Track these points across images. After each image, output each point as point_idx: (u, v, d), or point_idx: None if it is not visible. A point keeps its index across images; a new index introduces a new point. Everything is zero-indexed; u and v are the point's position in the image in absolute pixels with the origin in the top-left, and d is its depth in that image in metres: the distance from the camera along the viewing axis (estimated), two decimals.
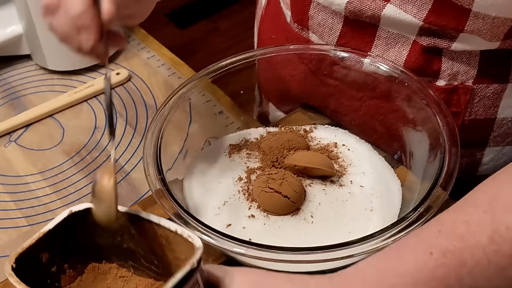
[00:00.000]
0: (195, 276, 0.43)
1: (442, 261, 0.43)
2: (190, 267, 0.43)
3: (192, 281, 0.43)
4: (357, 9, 0.68)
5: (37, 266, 0.48)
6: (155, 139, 0.64)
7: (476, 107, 0.71)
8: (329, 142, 0.71)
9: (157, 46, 0.98)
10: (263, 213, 0.61)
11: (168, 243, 0.48)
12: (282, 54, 0.75)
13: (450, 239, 0.44)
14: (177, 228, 0.47)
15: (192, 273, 0.43)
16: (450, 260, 0.43)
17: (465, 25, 0.63)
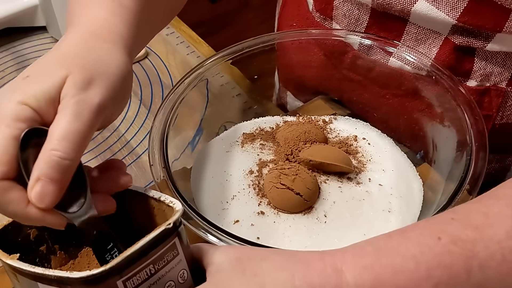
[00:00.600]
0: (172, 239, 0.41)
1: (451, 248, 0.38)
2: (164, 227, 0.40)
3: (169, 245, 0.40)
4: (386, 2, 0.63)
5: (25, 242, 0.47)
6: (164, 123, 0.61)
7: (508, 111, 0.67)
8: (348, 135, 0.67)
9: (176, 23, 0.94)
10: (274, 210, 0.58)
11: (156, 215, 0.46)
12: (302, 40, 0.71)
13: (464, 228, 0.39)
14: (161, 195, 0.45)
15: (168, 234, 0.40)
16: (460, 249, 0.38)
17: (503, 26, 0.59)
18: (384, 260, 0.39)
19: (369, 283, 0.38)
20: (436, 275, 0.38)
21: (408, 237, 0.40)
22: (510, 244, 0.38)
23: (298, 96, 0.81)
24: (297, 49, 0.73)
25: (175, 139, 0.64)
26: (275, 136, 0.66)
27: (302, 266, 0.40)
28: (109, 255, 0.44)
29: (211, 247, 0.43)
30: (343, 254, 0.40)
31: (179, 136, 0.65)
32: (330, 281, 0.39)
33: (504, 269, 0.38)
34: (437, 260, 0.38)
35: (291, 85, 0.82)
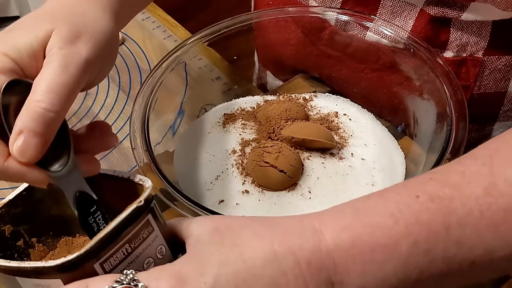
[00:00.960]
0: (145, 216, 0.40)
1: (429, 205, 0.38)
2: (136, 205, 0.39)
3: (143, 222, 0.40)
4: None
5: (1, 239, 0.46)
6: (144, 107, 0.61)
7: (486, 80, 0.67)
8: (329, 111, 0.67)
9: (152, 7, 0.93)
10: (258, 189, 0.58)
11: (129, 196, 0.45)
12: (279, 18, 0.70)
13: (441, 186, 0.39)
14: (130, 175, 0.44)
15: (140, 212, 0.40)
16: (438, 206, 0.38)
17: None
18: (362, 220, 0.39)
19: (348, 242, 0.38)
20: (415, 231, 0.38)
21: (386, 197, 0.40)
22: (487, 201, 0.38)
23: (278, 75, 0.81)
24: (274, 27, 0.73)
25: (156, 123, 0.64)
26: (256, 116, 0.66)
27: (280, 231, 0.39)
28: (92, 218, 0.43)
29: (187, 219, 0.42)
30: (321, 216, 0.40)
31: (160, 120, 0.65)
32: (309, 242, 0.38)
33: (482, 226, 0.38)
34: (415, 217, 0.38)
35: (270, 65, 0.82)
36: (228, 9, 1.93)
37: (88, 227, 0.43)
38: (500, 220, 0.38)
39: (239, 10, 0.75)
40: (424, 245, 0.38)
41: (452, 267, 0.39)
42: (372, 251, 0.38)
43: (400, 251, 0.38)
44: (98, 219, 0.44)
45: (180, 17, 1.07)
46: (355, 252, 0.38)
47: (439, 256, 0.38)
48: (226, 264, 0.38)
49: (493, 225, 0.38)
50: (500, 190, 0.38)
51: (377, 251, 0.38)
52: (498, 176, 0.39)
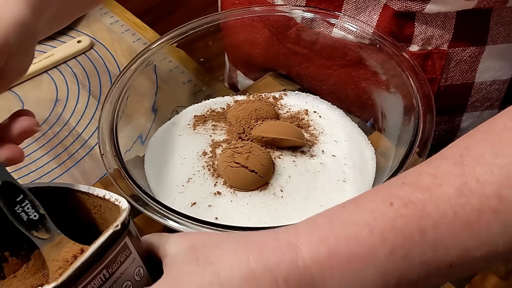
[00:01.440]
0: (122, 240, 0.40)
1: (403, 211, 0.39)
2: (112, 229, 0.39)
3: (120, 246, 0.40)
4: None
5: None
6: (112, 112, 0.60)
7: (452, 72, 0.68)
8: (299, 109, 0.67)
9: (120, 11, 0.93)
10: (230, 190, 0.58)
11: (103, 213, 0.45)
12: (246, 18, 0.71)
13: (414, 191, 0.39)
14: (105, 193, 0.44)
15: (117, 236, 0.39)
16: (412, 211, 0.38)
17: None
18: (337, 230, 0.39)
19: (325, 254, 0.39)
20: (390, 239, 0.38)
21: (360, 205, 0.41)
22: (460, 202, 0.38)
23: (248, 74, 0.81)
24: (241, 27, 0.73)
25: (127, 128, 0.63)
26: (226, 116, 0.66)
27: (256, 247, 0.39)
28: (19, 207, 0.43)
29: (164, 236, 0.42)
30: (296, 230, 0.40)
31: (131, 124, 0.65)
32: (285, 258, 0.39)
33: (457, 226, 0.38)
34: (390, 224, 0.39)
35: (240, 64, 0.82)
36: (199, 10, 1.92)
37: (17, 217, 0.43)
38: (474, 219, 0.38)
39: (210, 11, 0.75)
40: (401, 251, 0.38)
41: (430, 271, 0.39)
42: (349, 261, 0.38)
43: (377, 258, 0.38)
44: (27, 208, 0.43)
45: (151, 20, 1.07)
46: (332, 264, 0.38)
47: (416, 260, 0.38)
48: (202, 285, 0.38)
49: (467, 225, 0.38)
50: (472, 189, 0.38)
51: (354, 261, 0.38)
52: (469, 176, 0.39)
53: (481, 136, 0.41)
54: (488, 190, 0.38)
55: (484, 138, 0.41)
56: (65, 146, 0.75)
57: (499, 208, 0.38)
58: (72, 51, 0.85)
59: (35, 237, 0.43)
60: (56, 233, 0.43)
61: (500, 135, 0.40)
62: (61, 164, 0.73)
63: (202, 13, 0.74)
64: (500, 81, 0.71)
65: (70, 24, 0.89)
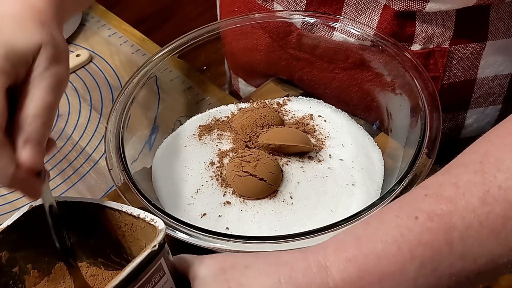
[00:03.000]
0: (158, 260, 0.40)
1: (429, 225, 0.39)
2: (150, 249, 0.39)
3: (156, 266, 0.40)
4: None
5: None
6: (117, 126, 0.60)
7: (454, 70, 0.68)
8: (304, 114, 0.67)
9: (117, 23, 0.93)
10: (239, 199, 0.58)
11: (133, 231, 0.46)
12: (246, 25, 0.70)
13: (437, 202, 0.40)
14: (140, 212, 0.45)
15: (154, 256, 0.40)
16: (438, 224, 0.39)
17: None
18: (365, 249, 0.39)
19: (355, 274, 0.39)
20: (419, 254, 0.39)
21: (385, 221, 0.41)
22: (484, 211, 0.39)
23: (249, 81, 0.81)
24: (242, 34, 0.72)
25: (131, 140, 0.63)
26: (231, 125, 0.65)
27: (286, 269, 0.40)
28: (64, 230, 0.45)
29: (195, 258, 0.43)
30: (325, 250, 0.41)
31: (135, 136, 0.65)
32: (316, 280, 0.39)
33: (483, 235, 0.39)
34: (417, 239, 0.39)
35: (241, 71, 0.82)
36: (194, 17, 1.93)
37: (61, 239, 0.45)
38: (499, 227, 0.38)
39: (205, 17, 0.75)
40: (430, 265, 0.39)
41: (460, 280, 0.39)
42: (380, 281, 0.39)
43: (407, 275, 0.39)
44: (66, 235, 0.45)
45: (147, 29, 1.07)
46: (363, 284, 0.39)
47: (446, 272, 0.39)
48: None
49: (493, 233, 0.38)
50: (495, 197, 0.39)
51: (385, 279, 0.39)
52: (490, 184, 0.39)
53: (498, 141, 0.42)
54: (511, 196, 0.38)
55: (502, 143, 0.41)
56: (69, 161, 0.74)
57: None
58: (72, 65, 0.85)
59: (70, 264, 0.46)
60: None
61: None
62: (66, 179, 0.72)
63: (197, 20, 0.73)
64: (502, 76, 0.71)
65: (68, 38, 0.89)
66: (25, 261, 0.48)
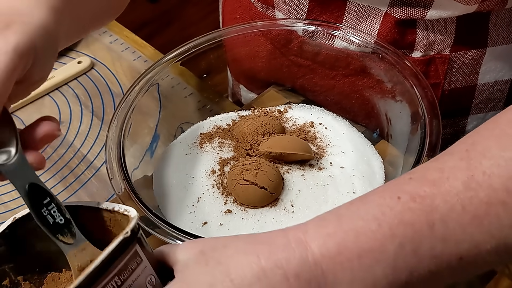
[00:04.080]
0: (132, 247, 0.40)
1: (411, 205, 0.39)
2: (123, 236, 0.39)
3: (131, 253, 0.40)
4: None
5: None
6: (119, 134, 0.60)
7: (455, 76, 0.68)
8: (305, 121, 0.67)
9: (119, 29, 0.93)
10: (240, 207, 0.58)
11: (113, 226, 0.46)
12: (248, 33, 0.71)
13: (421, 185, 0.39)
14: (114, 205, 0.45)
15: (128, 243, 0.40)
16: (420, 205, 0.39)
17: None
18: (346, 226, 0.39)
19: (334, 249, 0.38)
20: (399, 233, 0.38)
21: (368, 201, 0.41)
22: (468, 195, 0.38)
23: (251, 88, 0.81)
24: (243, 42, 0.73)
25: (132, 148, 0.63)
26: (232, 133, 0.66)
27: (265, 246, 0.39)
28: (46, 209, 0.43)
29: (173, 246, 0.43)
30: (305, 226, 0.41)
31: (136, 144, 0.65)
32: (295, 254, 0.38)
33: (465, 220, 0.38)
34: (398, 218, 0.38)
35: (242, 79, 0.82)
36: (197, 21, 1.94)
37: (43, 219, 0.43)
38: (482, 213, 0.38)
39: (207, 21, 0.75)
40: (410, 245, 0.38)
41: (441, 265, 0.39)
42: (359, 256, 0.38)
43: (387, 253, 0.38)
44: (53, 211, 0.43)
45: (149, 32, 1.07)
46: (342, 259, 0.38)
47: (426, 254, 0.38)
48: (213, 285, 0.38)
49: (476, 219, 0.38)
50: (479, 182, 0.38)
51: (364, 256, 0.38)
52: (475, 169, 0.39)
53: (487, 132, 0.42)
54: (496, 183, 0.38)
55: (490, 134, 0.41)
56: (70, 168, 0.75)
57: (508, 200, 0.38)
58: (73, 72, 0.85)
59: (60, 241, 0.43)
60: (81, 239, 0.44)
61: (505, 130, 0.40)
62: (67, 187, 0.72)
63: (199, 24, 0.74)
64: (502, 81, 0.71)
65: (70, 45, 0.89)
66: (15, 273, 0.48)
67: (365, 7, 0.66)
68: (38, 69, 0.46)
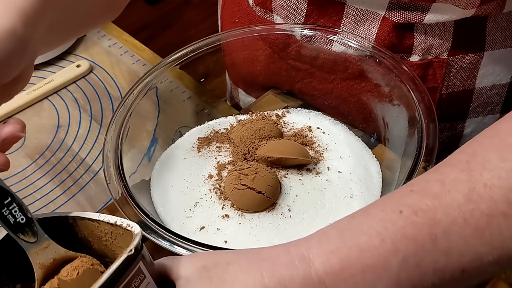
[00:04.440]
0: (136, 264, 0.40)
1: (413, 219, 0.39)
2: (126, 254, 0.39)
3: (135, 270, 0.40)
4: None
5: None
6: (116, 138, 0.60)
7: (453, 80, 0.68)
8: (303, 126, 0.67)
9: (118, 33, 0.93)
10: (238, 212, 0.58)
11: (114, 239, 0.46)
12: (246, 37, 0.71)
13: (423, 198, 0.39)
14: (117, 219, 0.45)
15: (131, 260, 0.40)
16: (422, 219, 0.39)
17: None
18: (349, 241, 0.39)
19: (338, 266, 0.38)
20: (402, 247, 0.38)
21: (370, 214, 0.41)
22: (469, 208, 0.38)
23: (249, 92, 0.81)
24: (242, 46, 0.73)
25: (130, 152, 0.63)
26: (230, 137, 0.66)
27: (268, 264, 0.39)
28: (7, 210, 0.43)
29: (176, 259, 0.43)
30: (308, 243, 0.40)
31: (134, 148, 0.65)
32: (299, 272, 0.39)
33: (467, 232, 0.38)
34: (401, 233, 0.38)
35: (241, 82, 0.82)
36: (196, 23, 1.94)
37: (3, 219, 0.43)
38: (484, 225, 0.38)
39: (207, 23, 0.75)
40: (413, 260, 0.38)
41: (444, 278, 0.39)
42: (363, 273, 0.38)
43: (390, 269, 0.38)
44: (14, 211, 0.43)
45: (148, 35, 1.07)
46: (346, 276, 0.38)
47: (429, 268, 0.38)
48: None
49: (478, 231, 0.38)
50: (480, 194, 0.38)
51: (368, 272, 0.38)
52: (476, 181, 0.39)
53: (486, 141, 0.41)
54: (497, 194, 0.38)
55: (490, 144, 0.41)
56: (69, 172, 0.75)
57: (509, 212, 0.38)
58: (72, 75, 0.86)
59: (21, 240, 0.44)
60: (44, 237, 0.44)
61: (505, 139, 0.40)
62: (66, 190, 0.73)
63: (199, 26, 0.74)
64: (499, 85, 0.71)
65: (68, 49, 0.90)
66: (13, 281, 0.48)
67: (363, 11, 0.66)
68: (7, 71, 0.46)
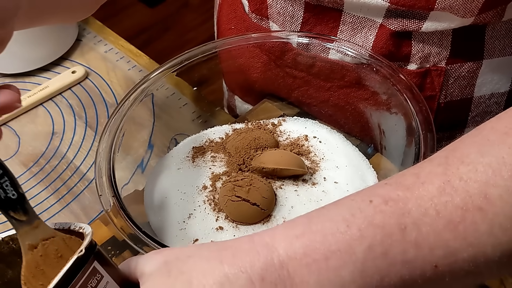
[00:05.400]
0: (90, 264, 0.39)
1: (382, 208, 0.37)
2: (76, 255, 0.39)
3: (89, 270, 0.39)
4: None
5: None
6: (109, 148, 0.60)
7: (451, 89, 0.68)
8: (299, 135, 0.67)
9: (114, 38, 0.92)
10: (232, 224, 0.57)
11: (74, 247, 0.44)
12: (243, 45, 0.70)
13: (395, 189, 0.38)
14: (70, 224, 0.44)
15: (84, 261, 0.39)
16: (392, 208, 0.37)
17: (435, 2, 0.59)
18: (314, 227, 0.38)
19: (301, 251, 0.37)
20: (369, 235, 0.37)
21: (340, 204, 0.39)
22: (443, 200, 0.37)
23: (246, 99, 0.80)
24: (239, 53, 0.72)
25: (124, 160, 0.63)
26: (225, 147, 0.65)
27: (229, 252, 0.38)
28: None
29: (140, 257, 0.42)
30: (273, 231, 0.39)
31: (129, 156, 0.64)
32: (260, 257, 0.37)
33: (439, 225, 0.37)
34: (368, 220, 0.37)
35: (237, 89, 0.81)
36: (195, 27, 1.93)
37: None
38: (458, 218, 0.36)
39: (205, 27, 0.74)
40: (380, 248, 0.37)
41: (414, 272, 0.37)
42: (326, 258, 0.37)
43: (355, 255, 0.37)
44: (6, 185, 0.41)
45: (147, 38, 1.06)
46: (309, 261, 0.37)
47: (398, 259, 0.37)
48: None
49: (451, 224, 0.36)
50: (455, 187, 0.37)
51: (331, 257, 0.37)
52: (452, 175, 0.37)
53: (468, 139, 0.40)
54: (473, 188, 0.37)
55: (471, 141, 0.40)
56: (63, 180, 0.74)
57: (485, 207, 0.36)
58: (67, 82, 0.85)
59: (11, 218, 0.42)
60: (34, 216, 0.43)
61: (487, 136, 0.39)
62: (60, 199, 0.72)
63: (198, 30, 0.73)
64: (498, 94, 0.70)
65: (64, 54, 0.89)
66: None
67: (361, 18, 0.65)
68: None
